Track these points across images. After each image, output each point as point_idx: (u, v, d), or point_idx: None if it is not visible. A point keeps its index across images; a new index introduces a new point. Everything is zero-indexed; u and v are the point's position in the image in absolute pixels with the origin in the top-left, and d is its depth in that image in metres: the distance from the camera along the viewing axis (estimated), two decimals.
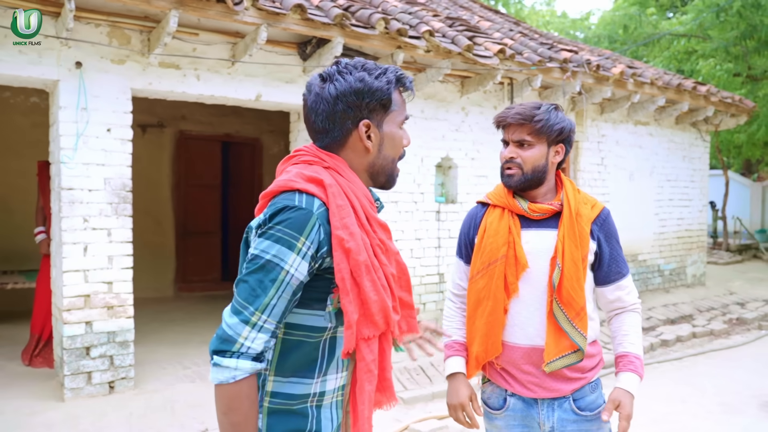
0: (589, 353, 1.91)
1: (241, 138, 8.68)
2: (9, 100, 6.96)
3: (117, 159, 4.35)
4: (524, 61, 5.79)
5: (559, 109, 1.97)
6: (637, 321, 1.98)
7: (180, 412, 4.18)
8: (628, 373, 1.88)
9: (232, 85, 4.79)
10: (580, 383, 1.90)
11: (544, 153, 1.91)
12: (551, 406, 1.90)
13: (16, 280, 6.09)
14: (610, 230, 1.97)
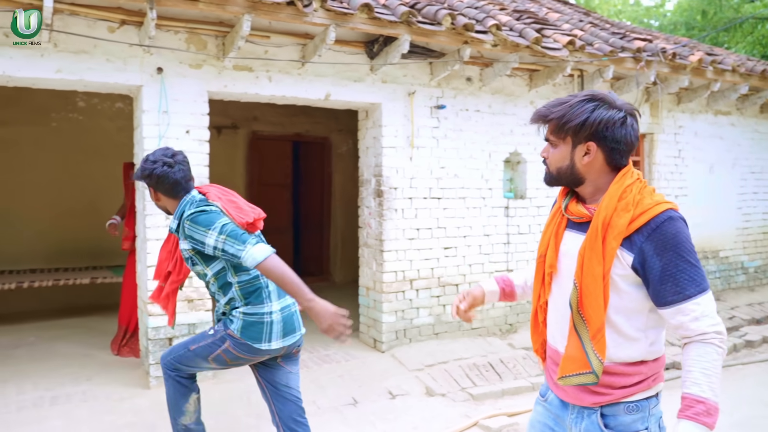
0: (623, 372, 1.73)
1: (311, 137, 8.87)
2: (97, 106, 7.41)
3: (195, 159, 4.55)
4: (595, 52, 5.64)
5: (595, 100, 1.74)
6: (706, 354, 1.64)
7: (255, 403, 4.33)
8: (684, 421, 1.61)
9: (302, 85, 4.93)
10: (604, 398, 1.74)
11: (567, 153, 1.76)
12: (581, 414, 1.80)
13: (105, 275, 6.49)
14: (664, 241, 1.65)
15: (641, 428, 1.73)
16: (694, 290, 1.64)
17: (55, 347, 5.44)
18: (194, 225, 2.67)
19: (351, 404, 4.41)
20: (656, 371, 1.78)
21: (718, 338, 1.65)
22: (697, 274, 1.65)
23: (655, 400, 1.78)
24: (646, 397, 1.75)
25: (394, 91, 5.32)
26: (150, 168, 2.79)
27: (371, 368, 5.05)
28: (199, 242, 2.68)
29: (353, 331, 5.91)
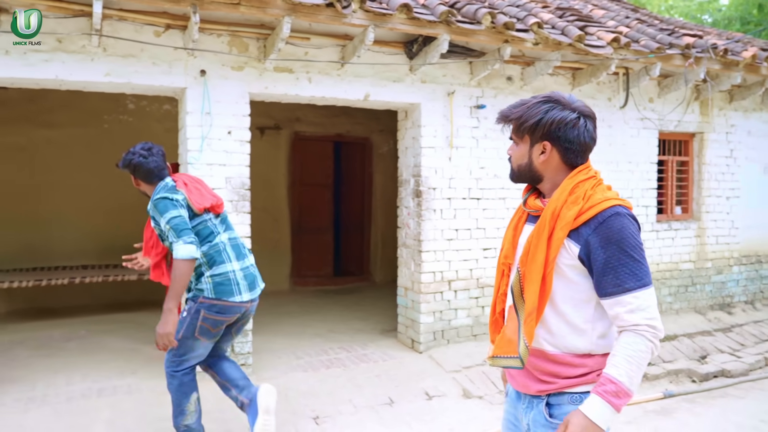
0: (570, 362, 1.78)
1: (352, 138, 8.93)
2: (146, 108, 7.65)
3: (237, 159, 4.65)
4: (641, 49, 5.49)
5: (551, 101, 1.80)
6: (635, 344, 1.66)
7: (293, 400, 4.40)
8: (594, 395, 1.66)
9: (342, 86, 4.96)
10: (549, 387, 1.81)
11: (526, 152, 1.86)
12: (531, 404, 1.87)
13: None
14: (609, 235, 1.69)
15: None
16: (634, 284, 1.68)
17: (103, 341, 5.64)
18: (155, 209, 3.24)
19: (387, 404, 4.42)
20: (603, 366, 1.76)
21: (650, 331, 1.67)
22: (638, 268, 1.69)
23: None
24: (590, 390, 1.75)
25: (434, 91, 5.30)
26: (129, 158, 3.43)
27: (408, 368, 5.05)
28: (156, 223, 3.28)
29: (392, 330, 5.96)
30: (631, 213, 1.76)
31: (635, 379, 1.66)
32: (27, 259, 6.86)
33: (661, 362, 5.49)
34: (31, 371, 4.67)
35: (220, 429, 3.95)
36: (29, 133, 6.92)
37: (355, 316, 6.86)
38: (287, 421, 4.07)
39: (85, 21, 4.13)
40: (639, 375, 1.66)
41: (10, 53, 4.02)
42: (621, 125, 6.23)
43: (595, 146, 1.88)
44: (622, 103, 6.14)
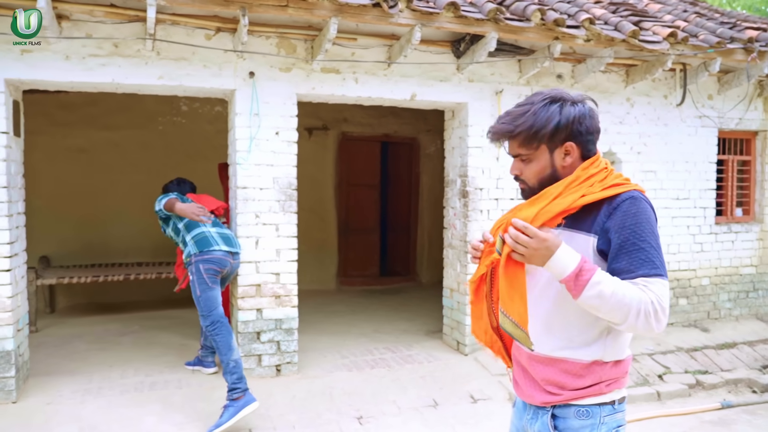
0: (578, 372, 1.66)
1: (399, 138, 8.91)
2: (198, 110, 7.84)
3: (284, 160, 4.70)
4: (700, 44, 5.26)
5: (557, 100, 1.67)
6: (631, 288, 1.52)
7: (338, 399, 4.41)
8: (577, 253, 1.57)
9: (388, 86, 4.95)
10: (554, 398, 1.69)
11: (547, 161, 1.70)
12: (536, 415, 1.76)
13: None
14: (624, 219, 1.58)
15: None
16: (648, 271, 1.56)
17: (156, 336, 5.80)
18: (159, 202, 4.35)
19: (431, 406, 4.38)
20: (614, 376, 1.67)
21: (655, 301, 1.52)
22: (654, 256, 1.57)
23: (611, 408, 1.67)
24: (598, 403, 1.66)
25: (481, 90, 5.23)
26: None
27: (453, 371, 5.00)
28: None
29: (437, 332, 5.91)
30: (647, 198, 1.65)
31: (596, 293, 1.51)
32: (86, 256, 7.14)
33: (718, 371, 5.26)
34: (88, 364, 4.85)
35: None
36: (89, 136, 7.20)
37: (401, 316, 6.85)
38: (331, 420, 4.09)
39: (140, 26, 4.26)
40: (602, 300, 1.51)
41: (70, 58, 4.18)
42: (677, 123, 6.00)
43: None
44: (679, 100, 5.90)
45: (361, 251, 8.84)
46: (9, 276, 4.07)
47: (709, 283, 6.30)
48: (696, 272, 6.23)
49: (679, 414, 4.46)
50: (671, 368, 5.22)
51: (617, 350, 1.68)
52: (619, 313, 1.52)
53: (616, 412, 1.68)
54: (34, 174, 6.00)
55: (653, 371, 5.14)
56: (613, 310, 1.52)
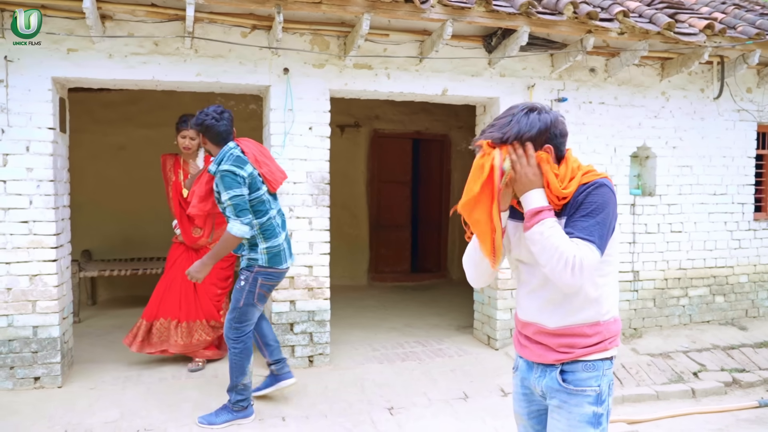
0: (584, 333, 1.95)
1: (431, 135, 8.94)
2: (233, 108, 8.00)
3: (317, 154, 4.79)
4: (738, 36, 5.17)
5: (534, 109, 1.93)
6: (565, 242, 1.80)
7: (369, 390, 4.47)
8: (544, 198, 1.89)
9: (420, 81, 4.99)
10: (566, 356, 1.96)
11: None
12: (544, 372, 2.02)
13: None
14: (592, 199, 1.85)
15: (594, 385, 1.95)
16: (584, 236, 1.82)
17: None
18: (221, 181, 3.59)
19: (461, 398, 4.41)
20: (613, 334, 1.98)
21: (579, 257, 1.78)
22: (596, 229, 1.83)
23: (609, 363, 1.99)
24: (602, 358, 1.97)
25: (513, 84, 5.23)
26: (202, 119, 3.74)
27: (484, 365, 5.01)
28: (218, 191, 3.65)
29: (468, 327, 5.93)
30: (611, 186, 1.91)
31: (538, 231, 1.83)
32: (125, 251, 7.36)
33: (756, 369, 5.15)
34: (128, 354, 5.01)
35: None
36: (129, 133, 7.42)
37: (432, 312, 6.88)
38: (362, 411, 4.15)
39: (179, 25, 4.39)
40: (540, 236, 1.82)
41: (113, 57, 4.34)
42: (714, 117, 5.89)
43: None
44: (716, 93, 5.79)
45: (392, 247, 8.90)
46: (55, 266, 4.25)
47: (747, 280, 6.17)
48: (734, 269, 6.11)
49: (715, 411, 4.39)
50: (707, 366, 5.13)
51: (609, 308, 1.98)
52: (547, 254, 1.81)
53: (612, 367, 2.01)
54: (78, 171, 6.21)
55: (688, 369, 5.07)
56: (545, 249, 1.81)
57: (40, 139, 4.19)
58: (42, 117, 4.19)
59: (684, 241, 5.87)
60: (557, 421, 1.99)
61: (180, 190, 4.74)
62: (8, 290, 4.17)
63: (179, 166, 4.79)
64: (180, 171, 4.78)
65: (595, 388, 1.94)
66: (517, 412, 2.21)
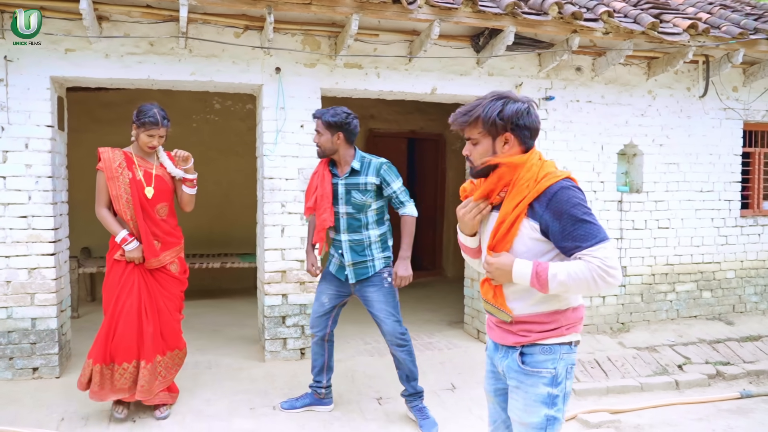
0: (542, 320, 2.05)
1: (425, 134, 9.05)
2: (230, 108, 8.14)
3: (309, 152, 4.90)
4: (722, 35, 5.27)
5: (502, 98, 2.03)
6: (577, 266, 1.89)
7: (359, 381, 4.59)
8: (529, 262, 1.97)
9: (409, 80, 5.11)
10: (523, 339, 2.07)
11: (489, 146, 2.06)
12: (507, 353, 2.14)
13: (234, 261, 7.12)
14: (559, 207, 1.93)
15: (550, 367, 2.05)
16: (590, 243, 1.90)
17: (189, 322, 6.04)
18: (390, 169, 3.77)
19: (449, 389, 4.52)
20: (572, 322, 2.08)
21: (600, 266, 1.86)
22: (591, 229, 1.91)
23: (568, 348, 2.08)
24: (559, 343, 2.06)
25: (501, 83, 5.34)
26: (348, 118, 3.69)
27: (473, 357, 5.12)
28: (386, 182, 3.72)
29: (459, 322, 6.04)
30: (575, 184, 1.99)
31: (557, 283, 1.91)
32: None
33: (741, 362, 5.25)
34: None
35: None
36: (128, 133, 7.49)
37: (425, 307, 6.99)
38: (352, 401, 4.26)
39: (174, 25, 4.51)
40: (564, 285, 1.91)
41: (109, 56, 4.47)
42: (701, 115, 5.99)
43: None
44: (702, 92, 5.90)
45: None
46: (53, 260, 4.37)
47: (734, 276, 6.27)
48: (720, 265, 6.20)
49: (696, 402, 4.49)
50: (692, 359, 5.23)
51: (570, 300, 2.09)
52: (582, 287, 1.91)
53: (572, 353, 2.09)
54: (78, 169, 6.34)
55: (673, 361, 5.17)
56: (577, 287, 1.91)
57: (39, 137, 4.32)
58: (41, 115, 4.32)
59: (671, 237, 5.98)
60: (515, 401, 2.11)
61: (142, 190, 3.72)
62: (7, 283, 4.30)
63: (132, 162, 3.79)
64: (136, 168, 3.76)
65: (550, 370, 2.04)
66: (485, 389, 2.36)
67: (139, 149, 3.85)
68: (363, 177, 3.71)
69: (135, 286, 3.70)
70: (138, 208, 3.70)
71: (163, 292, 3.83)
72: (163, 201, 3.82)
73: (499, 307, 2.10)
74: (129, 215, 3.71)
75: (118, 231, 3.68)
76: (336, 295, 3.95)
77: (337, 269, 3.91)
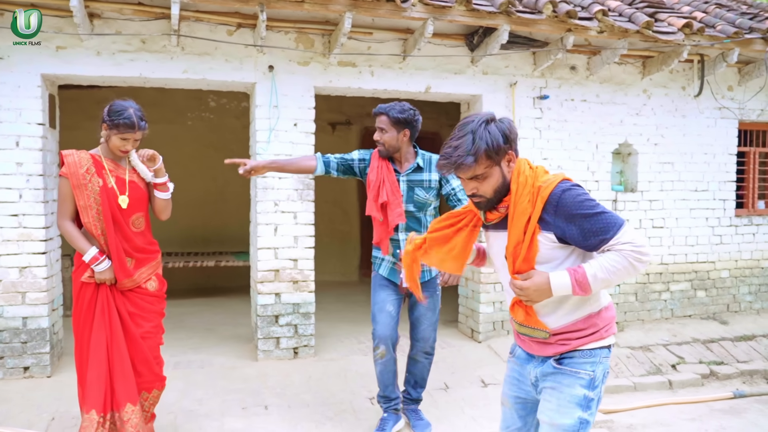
0: (580, 327, 2.01)
1: (421, 132, 8.86)
2: (225, 106, 8.11)
3: (302, 150, 4.88)
4: (716, 35, 5.26)
5: (489, 120, 1.97)
6: (612, 257, 1.86)
7: (351, 380, 4.58)
8: (564, 272, 1.92)
9: (403, 79, 5.09)
10: (564, 348, 2.03)
11: (498, 174, 1.99)
12: (541, 362, 2.10)
13: (228, 259, 7.10)
14: (568, 211, 1.91)
15: (589, 370, 2.01)
16: (613, 233, 1.87)
17: (183, 321, 6.07)
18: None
19: (442, 389, 4.51)
20: (608, 322, 2.06)
21: (633, 249, 1.84)
22: (608, 218, 1.88)
23: (607, 351, 2.05)
24: (599, 347, 2.03)
25: (495, 82, 5.32)
26: (415, 116, 3.50)
27: (466, 357, 5.11)
28: (446, 179, 3.53)
29: (453, 321, 6.03)
30: (573, 182, 1.97)
31: (599, 281, 1.88)
32: None
33: (734, 362, 5.25)
34: None
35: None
36: None
37: None
38: (344, 400, 4.25)
39: (166, 23, 4.49)
40: (606, 281, 1.88)
41: (101, 54, 4.44)
42: (696, 115, 5.99)
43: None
44: (697, 91, 5.89)
45: None
46: (44, 258, 4.35)
47: (728, 275, 6.27)
48: (715, 264, 6.20)
49: (689, 402, 4.49)
50: (685, 359, 5.23)
51: (601, 300, 2.06)
52: (622, 275, 1.88)
53: (609, 357, 2.07)
54: None
55: (667, 361, 5.16)
56: (618, 277, 1.88)
57: (30, 135, 4.29)
58: (32, 113, 4.29)
59: (666, 236, 5.97)
60: (548, 402, 2.04)
61: (115, 200, 3.11)
62: None
63: (102, 167, 3.11)
64: (107, 174, 3.11)
65: (589, 372, 2.00)
66: (503, 393, 2.29)
67: (109, 152, 3.15)
68: (427, 174, 3.54)
69: (105, 314, 3.09)
70: (109, 221, 3.07)
71: (141, 314, 3.20)
72: (139, 211, 3.21)
73: (535, 327, 2.05)
74: (99, 229, 3.07)
75: (86, 248, 3.05)
76: (397, 301, 3.71)
77: (389, 271, 3.68)
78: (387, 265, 3.68)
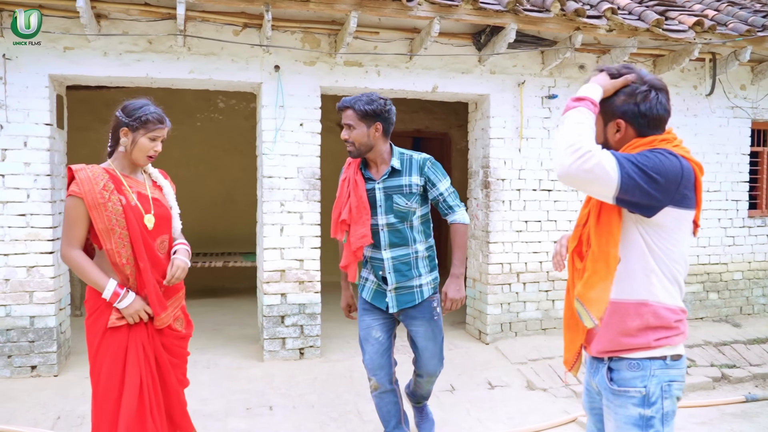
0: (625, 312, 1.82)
1: (431, 133, 9.00)
2: (234, 106, 8.13)
3: (308, 150, 4.87)
4: (728, 33, 5.18)
5: (659, 88, 1.92)
6: (590, 134, 1.76)
7: (357, 381, 4.55)
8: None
9: (410, 78, 5.06)
10: (611, 347, 1.84)
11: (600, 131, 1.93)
12: (597, 368, 1.93)
13: (236, 260, 7.11)
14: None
15: (639, 386, 1.80)
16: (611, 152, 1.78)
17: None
18: (436, 167, 3.02)
19: (448, 391, 4.47)
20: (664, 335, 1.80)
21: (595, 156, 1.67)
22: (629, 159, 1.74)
23: (662, 363, 1.80)
24: (649, 357, 1.80)
25: (503, 81, 5.28)
26: (387, 106, 2.95)
27: (473, 359, 5.07)
28: (431, 182, 3.00)
29: (461, 322, 5.98)
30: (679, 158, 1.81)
31: (572, 114, 1.76)
32: None
33: (747, 365, 5.16)
34: None
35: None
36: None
37: None
38: (349, 401, 4.23)
39: (172, 23, 4.50)
40: (572, 123, 1.74)
41: (108, 54, 4.46)
42: (708, 114, 5.90)
43: (669, 117, 1.92)
44: (709, 90, 5.81)
45: None
46: (52, 258, 4.37)
47: (741, 277, 6.17)
48: (728, 266, 6.10)
49: (700, 405, 4.41)
50: (696, 362, 5.14)
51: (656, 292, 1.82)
52: (567, 136, 1.71)
53: (668, 368, 1.81)
54: None
55: None
56: (568, 131, 1.72)
57: (38, 135, 4.32)
58: (39, 113, 4.32)
59: None
60: (608, 420, 1.91)
61: (141, 220, 2.54)
62: (6, 281, 4.30)
63: (121, 183, 2.59)
64: (127, 190, 2.57)
65: (640, 389, 1.80)
66: (583, 403, 2.17)
67: (125, 164, 2.65)
68: (406, 177, 2.98)
69: (141, 360, 2.49)
70: (139, 245, 2.50)
71: (171, 359, 2.66)
72: (165, 233, 2.65)
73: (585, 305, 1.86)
74: (125, 257, 2.49)
75: (103, 282, 2.45)
76: (386, 324, 3.20)
77: (373, 296, 3.19)
78: (371, 286, 3.21)
